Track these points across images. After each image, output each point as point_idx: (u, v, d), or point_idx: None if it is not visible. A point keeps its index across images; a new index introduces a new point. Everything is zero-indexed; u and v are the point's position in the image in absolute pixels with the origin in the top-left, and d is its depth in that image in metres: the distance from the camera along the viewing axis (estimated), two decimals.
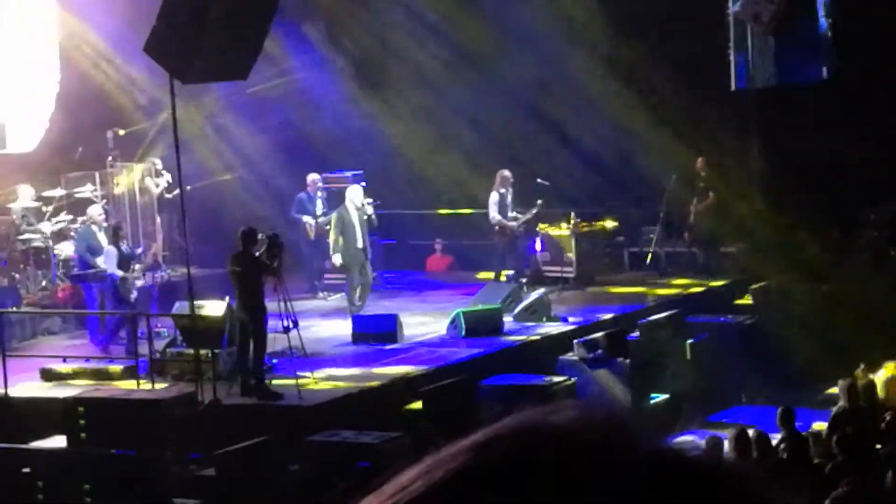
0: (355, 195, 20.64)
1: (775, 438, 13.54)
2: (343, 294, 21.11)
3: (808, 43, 22.56)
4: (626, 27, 23.26)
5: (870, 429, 13.85)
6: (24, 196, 20.87)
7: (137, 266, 19.14)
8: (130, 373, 16.29)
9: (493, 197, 21.80)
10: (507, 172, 21.96)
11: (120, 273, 18.27)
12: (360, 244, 20.30)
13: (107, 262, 18.41)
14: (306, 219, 21.93)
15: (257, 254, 15.85)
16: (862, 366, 15.54)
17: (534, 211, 21.84)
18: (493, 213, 21.80)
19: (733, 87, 23.18)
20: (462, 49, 24.13)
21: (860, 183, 21.48)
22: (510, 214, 21.91)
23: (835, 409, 14.74)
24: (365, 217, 20.40)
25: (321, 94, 24.78)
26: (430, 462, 1.16)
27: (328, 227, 21.29)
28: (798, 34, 22.56)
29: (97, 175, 21.85)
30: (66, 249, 20.76)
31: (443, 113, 24.27)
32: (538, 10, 23.72)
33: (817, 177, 21.68)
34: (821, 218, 21.81)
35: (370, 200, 20.89)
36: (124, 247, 18.76)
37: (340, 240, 20.17)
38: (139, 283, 19.09)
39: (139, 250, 20.58)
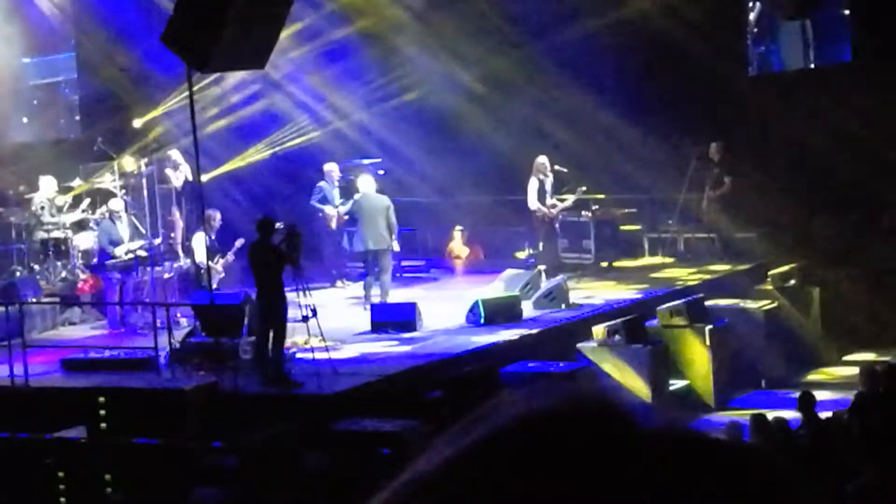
0: (367, 184, 20.59)
1: (795, 424, 13.52)
2: (362, 282, 21.09)
3: (832, 25, 22.55)
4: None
5: (891, 414, 13.80)
6: (46, 187, 20.90)
7: (219, 257, 19.04)
8: (151, 363, 16.32)
9: (532, 183, 21.58)
10: (542, 159, 21.62)
11: (206, 262, 18.32)
12: (379, 232, 20.21)
13: (196, 248, 18.32)
14: (328, 209, 21.89)
15: (276, 243, 15.84)
16: None
17: (573, 198, 21.66)
18: (532, 201, 21.59)
19: (751, 72, 23.14)
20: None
21: (882, 164, 21.38)
22: (549, 201, 21.72)
23: (855, 394, 14.69)
24: (382, 206, 20.33)
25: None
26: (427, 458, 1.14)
27: (346, 216, 21.31)
28: (822, 17, 22.55)
29: (115, 165, 21.87)
30: (85, 240, 20.79)
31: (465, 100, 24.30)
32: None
33: (836, 159, 21.59)
34: (841, 200, 21.74)
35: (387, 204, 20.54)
36: (213, 236, 18.86)
37: (363, 228, 20.13)
38: (221, 274, 19.02)
39: (158, 241, 20.62)
